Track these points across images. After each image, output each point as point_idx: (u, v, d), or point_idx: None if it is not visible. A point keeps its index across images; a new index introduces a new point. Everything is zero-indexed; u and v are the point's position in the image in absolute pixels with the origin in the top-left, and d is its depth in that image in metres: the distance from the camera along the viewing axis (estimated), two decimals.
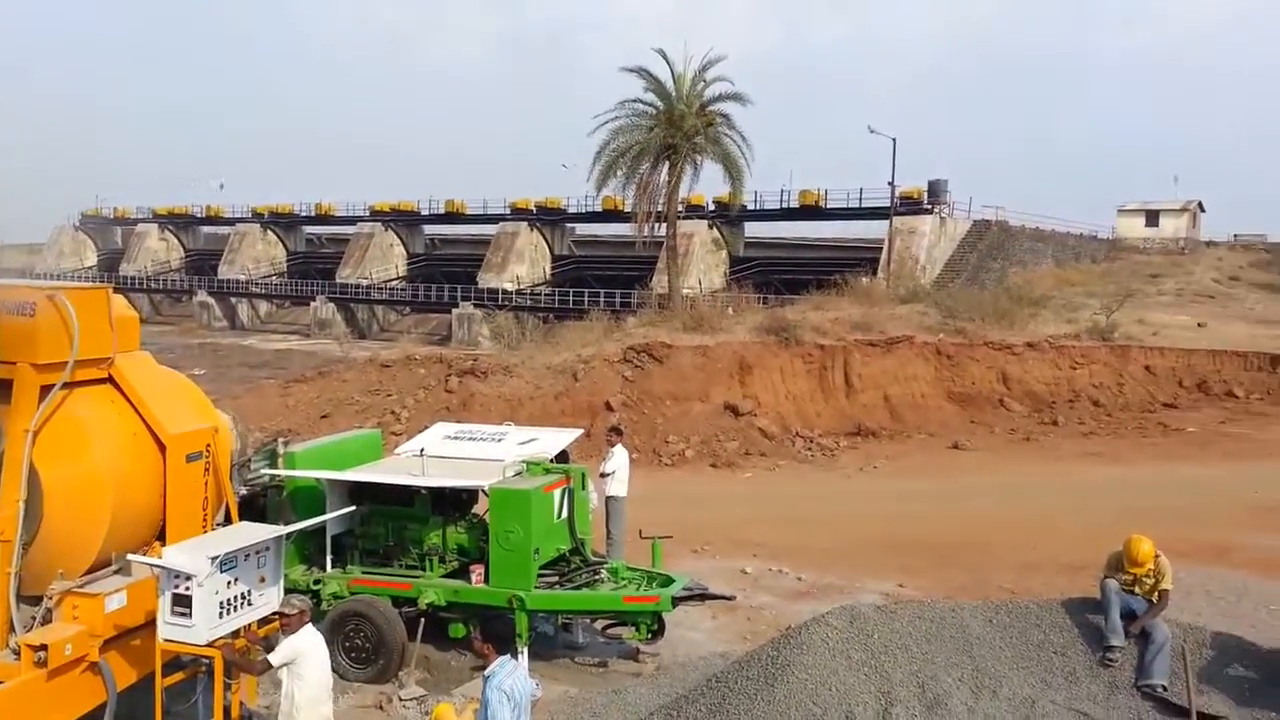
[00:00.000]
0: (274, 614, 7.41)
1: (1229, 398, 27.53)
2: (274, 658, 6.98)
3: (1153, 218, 68.90)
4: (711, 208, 55.57)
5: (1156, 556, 8.59)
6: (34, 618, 7.28)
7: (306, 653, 6.97)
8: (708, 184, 41.01)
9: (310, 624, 7.20)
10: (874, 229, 55.86)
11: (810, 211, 58.18)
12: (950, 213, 53.47)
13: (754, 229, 63.46)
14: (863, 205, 55.24)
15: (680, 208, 39.80)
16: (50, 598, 7.29)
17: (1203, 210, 71.51)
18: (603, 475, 13.49)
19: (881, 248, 50.36)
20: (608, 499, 13.41)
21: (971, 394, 26.79)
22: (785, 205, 57.97)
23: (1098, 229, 67.82)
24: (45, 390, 7.28)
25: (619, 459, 13.63)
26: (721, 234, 58.84)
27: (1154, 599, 8.55)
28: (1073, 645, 8.53)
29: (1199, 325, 35.95)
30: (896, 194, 49.09)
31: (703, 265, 56.08)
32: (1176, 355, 29.26)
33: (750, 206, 55.18)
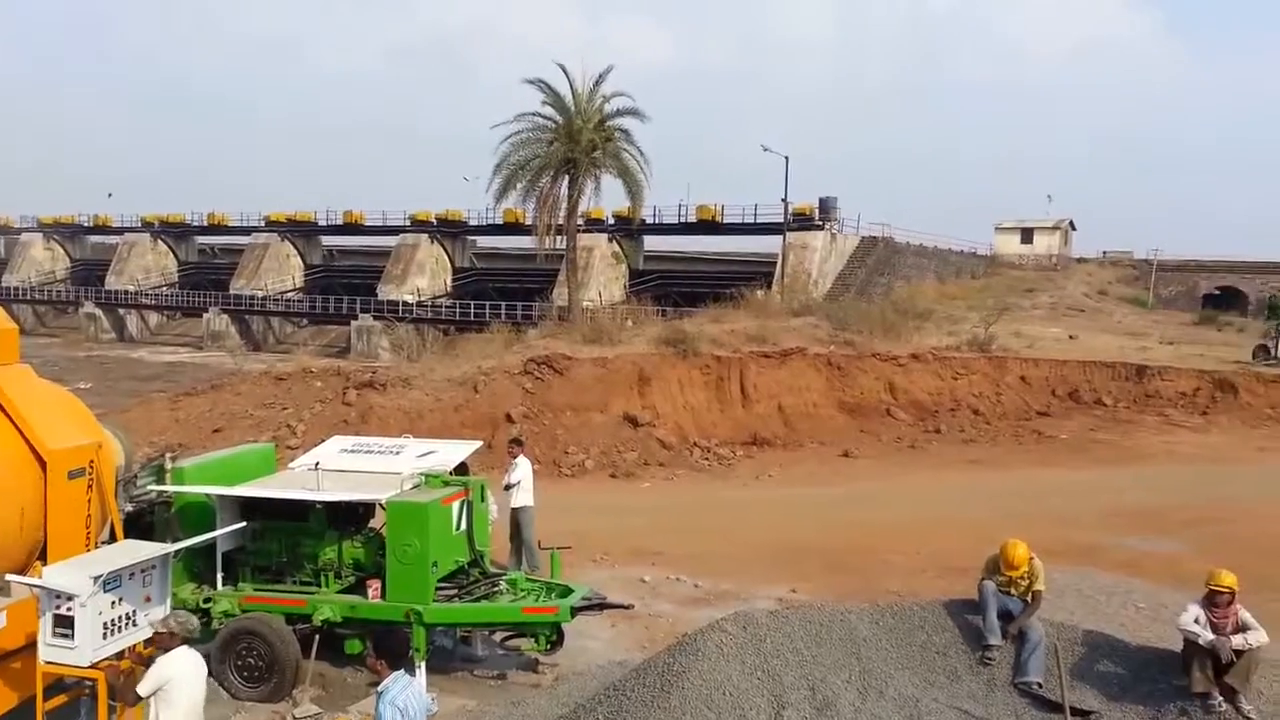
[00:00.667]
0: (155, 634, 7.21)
1: (1099, 406, 28.80)
2: (142, 688, 6.63)
3: (1027, 235, 71.80)
4: (611, 221, 55.96)
5: (1031, 559, 8.96)
6: None
7: (176, 679, 6.63)
8: (607, 198, 41.38)
9: (184, 645, 6.83)
10: (769, 244, 57.06)
11: (707, 226, 59.10)
12: (840, 229, 54.97)
13: (653, 242, 64.14)
14: (758, 221, 56.39)
15: (580, 221, 40.01)
16: None
17: (1074, 228, 74.79)
18: (507, 488, 13.54)
19: (776, 262, 51.46)
20: (516, 510, 13.47)
21: (861, 404, 27.54)
22: (683, 219, 58.79)
23: (977, 246, 70.43)
24: None
25: (523, 469, 13.72)
26: (621, 247, 59.29)
27: (1029, 599, 8.92)
28: (954, 645, 8.87)
29: (1070, 337, 37.71)
30: (789, 210, 50.25)
31: (602, 278, 56.36)
32: (1050, 366, 30.47)
33: (649, 220, 55.71)
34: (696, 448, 24.18)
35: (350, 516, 10.79)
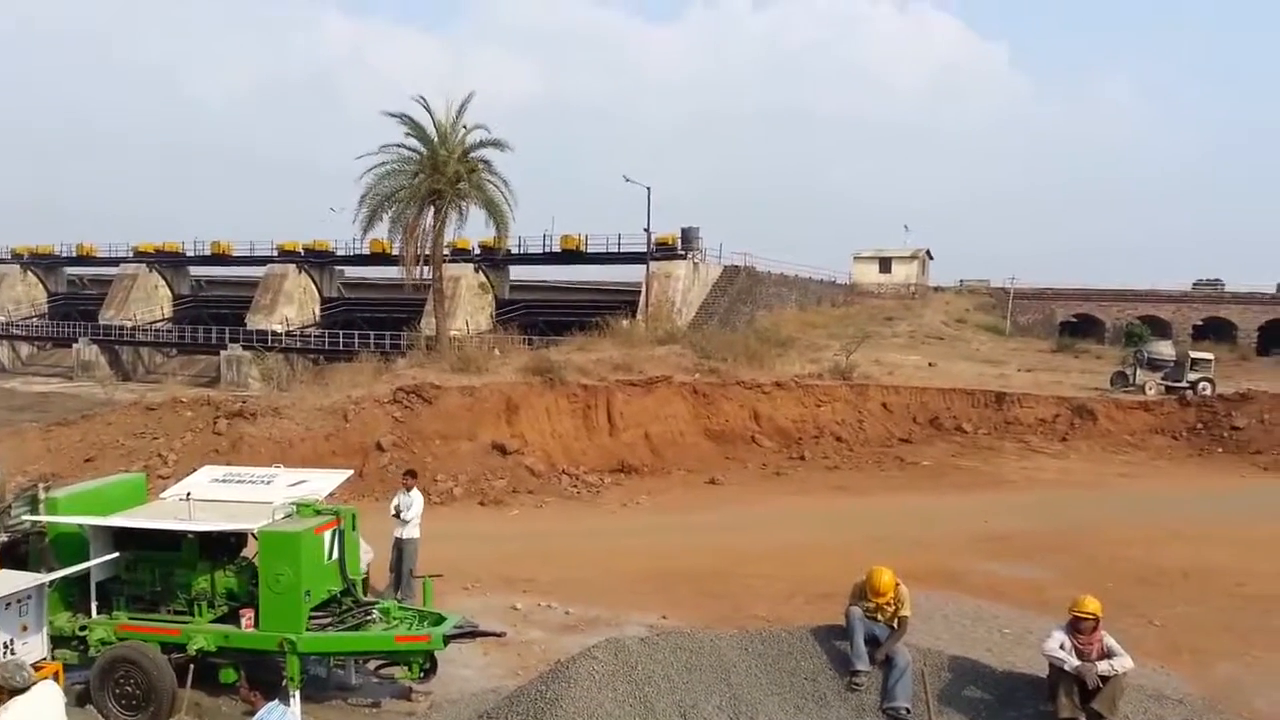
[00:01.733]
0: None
1: (959, 432, 29.71)
2: None
3: (885, 264, 74.44)
4: (477, 251, 56.02)
5: (897, 585, 9.30)
6: None
7: None
8: (472, 228, 41.48)
9: (24, 693, 6.58)
10: (633, 273, 58.06)
11: (572, 255, 59.74)
12: (703, 258, 56.34)
13: (519, 272, 64.50)
14: (621, 250, 57.34)
15: (446, 251, 40.03)
16: None
17: (931, 257, 77.79)
18: (396, 516, 13.67)
19: (640, 291, 52.35)
20: (403, 540, 13.61)
21: (726, 431, 28.18)
22: (548, 249, 59.31)
23: (837, 275, 72.85)
24: None
25: (417, 504, 13.89)
26: (487, 277, 59.42)
27: (895, 625, 9.24)
28: (823, 671, 9.18)
29: (930, 365, 39.07)
30: (652, 240, 51.30)
31: (469, 307, 56.29)
32: (910, 393, 31.29)
33: (515, 250, 56.03)
34: (565, 475, 24.44)
35: (223, 546, 10.74)
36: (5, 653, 6.89)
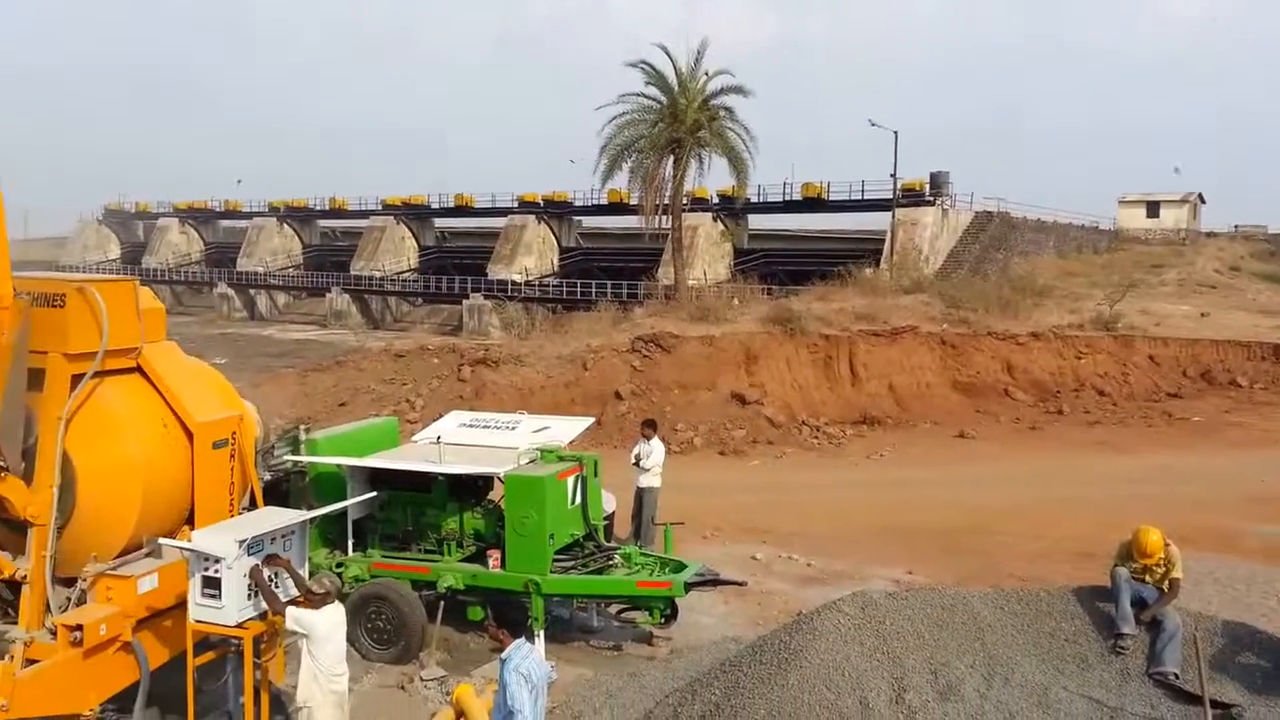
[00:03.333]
0: (302, 595, 7.54)
1: (1233, 387, 27.55)
2: (288, 620, 7.10)
3: (1153, 209, 68.89)
4: (715, 200, 55.68)
5: (1166, 545, 8.65)
6: (69, 599, 7.47)
7: (320, 633, 7.05)
8: (712, 177, 41.17)
9: (334, 603, 7.28)
10: (877, 221, 55.93)
11: (813, 204, 58.26)
12: (952, 204, 53.52)
13: (757, 221, 63.59)
14: (865, 198, 55.28)
15: (685, 200, 39.90)
16: (84, 580, 7.47)
17: (1203, 201, 71.48)
18: (636, 462, 13.70)
19: (884, 239, 50.44)
20: (643, 489, 13.60)
21: (976, 383, 26.90)
22: (788, 198, 58.06)
23: (1099, 220, 67.85)
24: (76, 379, 7.44)
25: (658, 452, 13.83)
26: (726, 226, 58.97)
27: (1164, 588, 8.59)
28: (1084, 633, 8.59)
29: (1202, 315, 35.92)
30: (899, 186, 49.14)
31: (707, 257, 56.20)
32: (1180, 345, 29.28)
33: (754, 199, 55.27)
34: (805, 426, 23.99)
35: (470, 488, 11.09)
36: (272, 585, 7.28)
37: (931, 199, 52.35)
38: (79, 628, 7.06)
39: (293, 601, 7.14)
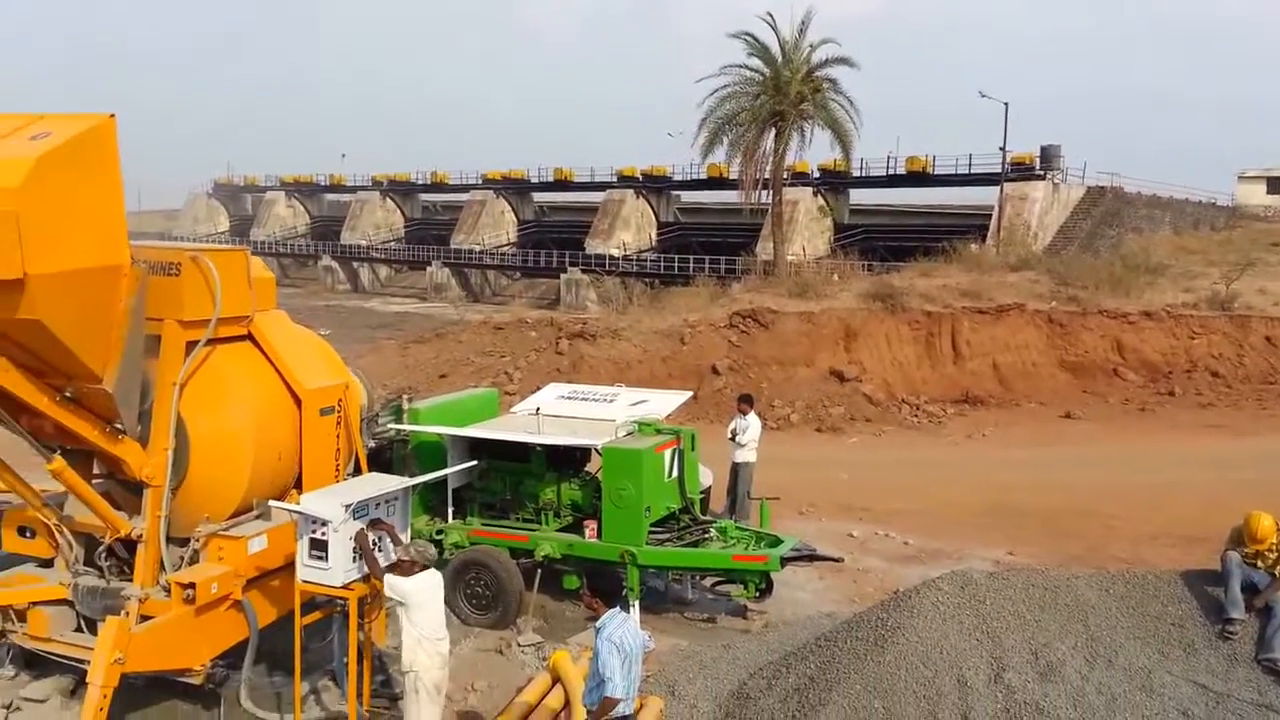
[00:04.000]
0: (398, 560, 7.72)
1: None
2: (385, 587, 7.26)
3: (1275, 184, 65.36)
4: (816, 175, 54.87)
5: (1279, 531, 8.37)
6: (182, 558, 7.78)
7: (415, 599, 7.17)
8: (813, 150, 40.52)
9: (427, 570, 7.38)
10: (982, 195, 54.45)
11: (917, 178, 56.92)
12: (1064, 179, 51.74)
13: (858, 196, 62.49)
14: (972, 172, 53.80)
15: (785, 175, 39.41)
16: (197, 540, 7.77)
17: None
18: (732, 437, 13.65)
19: (991, 214, 49.10)
20: (739, 464, 13.53)
21: (1084, 363, 26.02)
22: (891, 172, 56.88)
23: (1216, 196, 64.69)
24: (190, 346, 7.66)
25: (755, 427, 13.75)
26: (826, 201, 58.09)
27: (1276, 573, 8.28)
28: (1191, 617, 8.33)
29: None
30: (1008, 160, 47.67)
31: (807, 232, 55.50)
32: None
33: (857, 173, 54.30)
34: (905, 404, 23.65)
35: (568, 460, 11.22)
36: (375, 550, 7.49)
37: (1042, 173, 50.67)
38: (192, 585, 7.33)
39: (391, 568, 7.31)
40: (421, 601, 7.17)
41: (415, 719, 7.20)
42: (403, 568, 7.31)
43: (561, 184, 73.80)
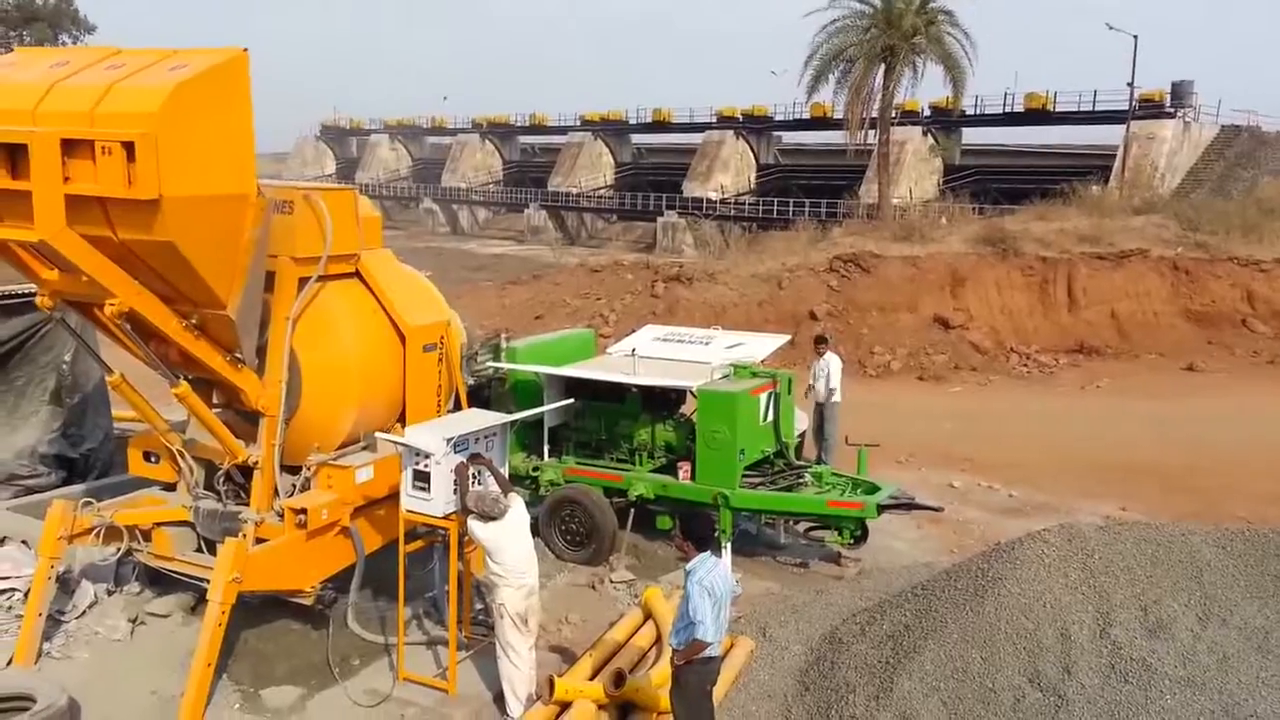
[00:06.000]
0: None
1: None
2: (469, 530, 7.39)
3: None
4: (927, 113, 53.27)
5: None
6: (294, 485, 8.06)
7: (495, 544, 7.27)
8: (923, 87, 39.25)
9: (513, 508, 7.43)
10: (1106, 135, 52.01)
11: (1035, 116, 54.70)
12: (1195, 117, 49.05)
13: (971, 135, 60.41)
14: (1095, 110, 51.41)
15: (894, 113, 38.32)
16: (308, 468, 8.03)
17: None
18: (813, 386, 13.48)
19: (1114, 155, 46.94)
20: (822, 405, 13.42)
21: (1210, 313, 24.78)
22: (1008, 109, 54.78)
23: None
24: (302, 282, 7.85)
25: (834, 366, 13.59)
26: (936, 140, 56.31)
27: None
28: None
29: None
30: (1135, 97, 45.32)
31: (915, 173, 54.01)
32: None
33: (970, 111, 52.55)
34: (1014, 353, 23.00)
35: (663, 401, 11.22)
36: (473, 484, 7.63)
37: (1172, 111, 48.16)
38: (304, 511, 7.61)
39: (478, 515, 7.34)
40: (501, 545, 7.28)
41: (505, 647, 7.40)
42: (484, 505, 7.31)
43: (660, 125, 73.24)
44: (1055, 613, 7.51)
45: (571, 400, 10.63)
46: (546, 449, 11.17)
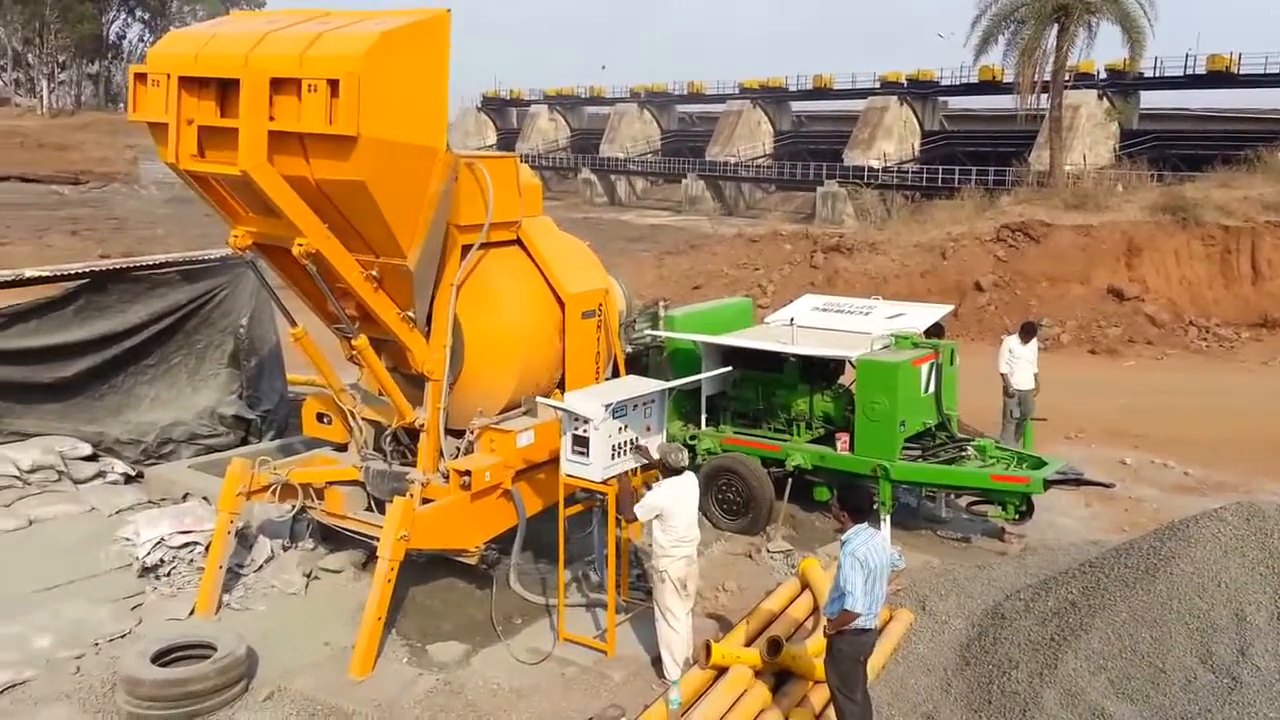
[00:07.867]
0: (649, 464, 7.97)
1: None
2: (639, 510, 7.50)
3: None
4: (1102, 76, 50.59)
5: None
6: (458, 448, 8.37)
7: (668, 508, 7.40)
8: (1099, 49, 37.28)
9: (677, 476, 7.57)
10: None
11: (1219, 78, 51.23)
12: None
13: (1150, 99, 57.02)
14: None
15: (1067, 76, 36.51)
16: (472, 431, 8.31)
17: None
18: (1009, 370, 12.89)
19: None
20: (1026, 391, 12.81)
21: None
22: (1190, 72, 51.39)
23: None
24: (465, 250, 8.08)
25: (1031, 351, 12.99)
26: (1113, 104, 53.38)
27: None
28: None
29: None
30: None
31: (1089, 139, 51.34)
32: None
33: (1148, 74, 49.60)
34: (1193, 326, 21.81)
35: (822, 371, 11.14)
36: (631, 450, 7.79)
37: None
38: (468, 473, 7.87)
39: (665, 468, 7.52)
40: (673, 510, 7.40)
41: (664, 611, 7.54)
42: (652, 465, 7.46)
43: (820, 92, 71.63)
44: (1231, 593, 7.17)
45: (729, 369, 10.67)
46: (704, 418, 11.24)
